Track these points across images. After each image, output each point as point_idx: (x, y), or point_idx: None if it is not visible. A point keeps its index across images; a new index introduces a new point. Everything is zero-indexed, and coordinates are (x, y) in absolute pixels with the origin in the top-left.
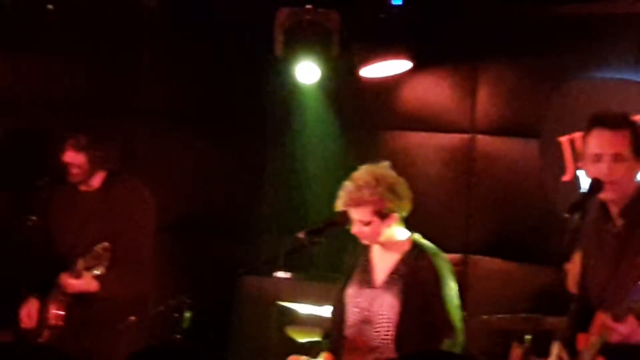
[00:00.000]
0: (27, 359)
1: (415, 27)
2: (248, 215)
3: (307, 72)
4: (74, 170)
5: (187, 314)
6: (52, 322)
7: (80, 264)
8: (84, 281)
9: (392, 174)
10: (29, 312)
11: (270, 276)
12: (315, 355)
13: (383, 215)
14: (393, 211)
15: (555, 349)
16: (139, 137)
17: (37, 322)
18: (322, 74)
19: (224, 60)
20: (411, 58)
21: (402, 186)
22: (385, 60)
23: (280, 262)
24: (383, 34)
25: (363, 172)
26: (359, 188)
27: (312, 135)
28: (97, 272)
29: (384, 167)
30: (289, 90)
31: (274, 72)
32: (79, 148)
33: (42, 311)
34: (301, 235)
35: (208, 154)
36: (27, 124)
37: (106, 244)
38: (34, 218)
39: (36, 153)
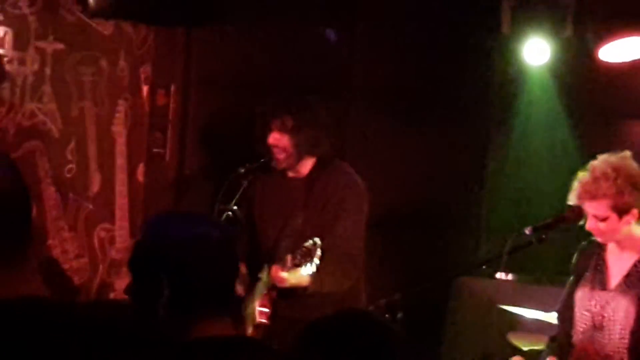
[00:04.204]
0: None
1: None
2: (467, 210)
3: (537, 51)
4: (279, 155)
5: (399, 315)
6: (257, 319)
7: (290, 261)
8: (296, 275)
9: (634, 165)
10: None
11: (491, 278)
12: None
13: (621, 210)
14: (633, 206)
15: None
16: (350, 120)
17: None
18: (553, 55)
19: (444, 39)
20: None
21: None
22: (626, 37)
23: (503, 262)
24: (623, 10)
25: (601, 163)
26: (595, 180)
27: (540, 122)
28: (308, 269)
29: (625, 158)
30: (516, 72)
31: (500, 51)
32: (284, 130)
33: (246, 308)
34: (528, 231)
35: (424, 141)
36: (230, 107)
37: (317, 239)
38: (234, 208)
39: (240, 138)
